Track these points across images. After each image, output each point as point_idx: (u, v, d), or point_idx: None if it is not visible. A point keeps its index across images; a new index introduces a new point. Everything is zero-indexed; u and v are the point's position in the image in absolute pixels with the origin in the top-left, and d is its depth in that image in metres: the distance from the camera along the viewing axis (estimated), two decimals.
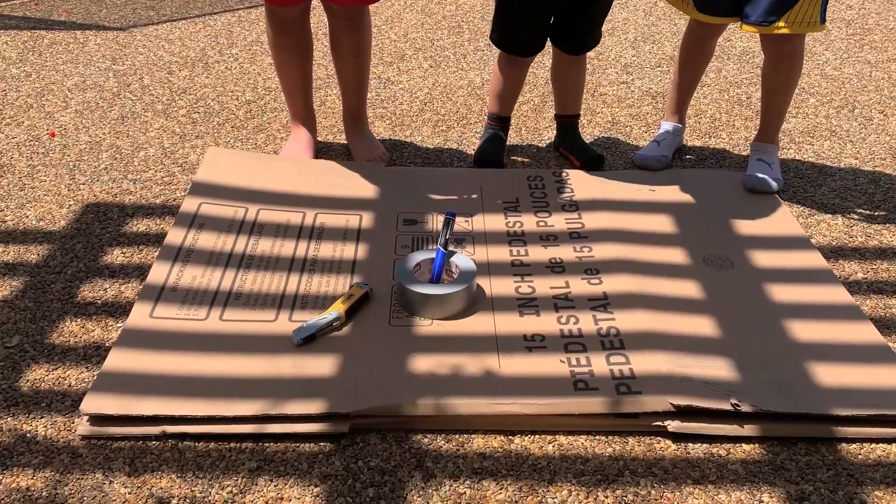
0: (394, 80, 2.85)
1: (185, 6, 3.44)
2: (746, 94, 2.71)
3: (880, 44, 3.11)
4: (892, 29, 3.25)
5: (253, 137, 2.43)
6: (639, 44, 3.13)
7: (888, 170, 2.28)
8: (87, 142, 2.38)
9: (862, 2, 3.54)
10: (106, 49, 3.01)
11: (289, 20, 2.14)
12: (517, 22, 2.14)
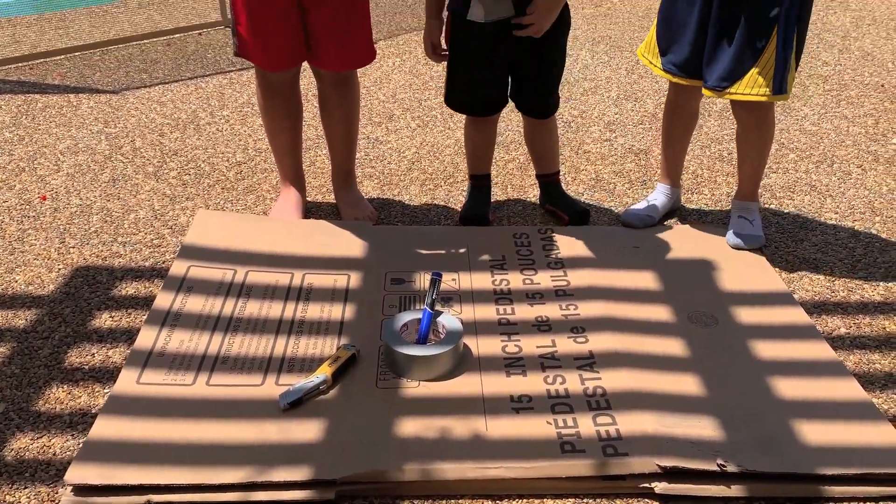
0: (382, 139, 2.90)
1: (178, 69, 3.50)
2: (728, 150, 2.77)
3: (856, 99, 3.19)
4: (867, 84, 3.33)
5: (243, 198, 2.46)
6: (621, 101, 3.20)
7: (867, 224, 2.32)
8: (78, 205, 2.40)
9: (838, 58, 3.64)
10: (98, 112, 3.06)
11: (279, 85, 2.19)
12: (475, 81, 2.18)
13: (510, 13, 2.01)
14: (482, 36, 2.07)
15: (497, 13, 2.01)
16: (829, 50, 3.74)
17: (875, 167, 2.64)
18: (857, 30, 4.01)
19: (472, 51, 2.12)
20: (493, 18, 2.02)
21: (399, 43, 3.88)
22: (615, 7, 4.47)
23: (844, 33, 3.97)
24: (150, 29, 3.96)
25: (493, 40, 2.07)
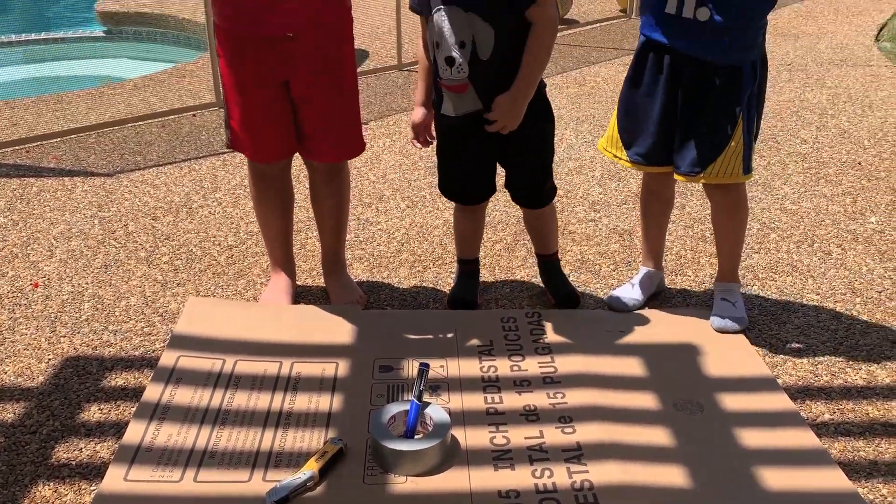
0: (372, 220, 2.95)
1: (172, 151, 3.58)
2: (710, 230, 2.82)
3: (835, 177, 3.28)
4: (844, 162, 3.42)
5: (233, 283, 2.49)
6: (605, 181, 3.27)
7: (848, 305, 2.36)
8: (70, 292, 2.43)
9: (816, 136, 3.74)
10: (93, 196, 3.11)
11: (270, 175, 2.25)
12: (458, 171, 2.23)
13: (478, 107, 2.04)
14: (455, 129, 2.13)
15: (465, 108, 2.06)
16: (807, 127, 3.86)
17: (854, 247, 2.70)
18: (833, 107, 4.14)
19: (449, 143, 2.19)
20: (462, 112, 2.07)
21: (389, 124, 3.97)
22: (598, 86, 4.60)
23: (821, 111, 4.09)
24: (145, 111, 4.05)
25: (466, 134, 2.12)
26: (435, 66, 2.05)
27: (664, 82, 2.07)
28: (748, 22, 1.98)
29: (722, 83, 2.01)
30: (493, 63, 1.97)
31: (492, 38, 1.95)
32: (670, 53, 2.04)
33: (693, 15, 1.96)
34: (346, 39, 2.11)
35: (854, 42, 5.47)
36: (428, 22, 2.02)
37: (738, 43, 1.99)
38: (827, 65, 4.93)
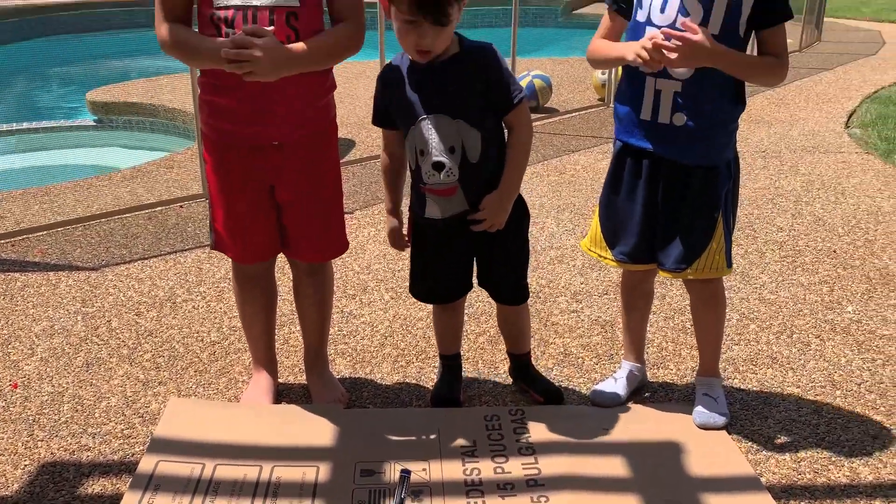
0: (356, 313, 2.96)
1: (157, 243, 3.61)
2: (690, 320, 2.85)
3: (811, 265, 3.34)
4: (820, 250, 3.50)
5: (215, 382, 2.48)
6: (586, 271, 3.32)
7: (828, 398, 2.37)
8: (50, 392, 2.41)
9: (791, 223, 3.83)
10: (77, 291, 3.12)
11: (254, 276, 2.28)
12: (438, 272, 2.25)
13: (464, 208, 2.10)
14: (440, 231, 2.16)
15: (452, 210, 2.11)
16: (782, 215, 3.95)
17: (832, 337, 2.74)
18: (807, 194, 4.25)
19: (432, 246, 2.22)
20: (449, 214, 2.12)
21: (374, 213, 4.04)
22: (577, 174, 4.71)
23: (796, 198, 4.20)
24: (132, 203, 4.10)
25: (451, 235, 2.16)
26: (416, 172, 2.10)
27: (643, 185, 2.13)
28: (722, 126, 2.07)
29: (700, 184, 2.08)
30: (481, 165, 2.05)
31: (479, 141, 2.03)
32: (648, 157, 2.11)
33: (669, 120, 2.04)
34: (331, 146, 2.17)
35: (825, 129, 5.66)
36: (406, 132, 2.08)
37: (714, 145, 2.06)
38: (800, 152, 5.08)
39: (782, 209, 4.03)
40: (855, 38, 10.35)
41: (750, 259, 3.41)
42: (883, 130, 5.49)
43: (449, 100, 2.00)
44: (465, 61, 2.01)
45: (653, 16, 1.99)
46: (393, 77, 2.06)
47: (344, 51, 2.03)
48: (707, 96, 2.00)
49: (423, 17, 1.86)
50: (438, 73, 2.00)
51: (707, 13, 1.92)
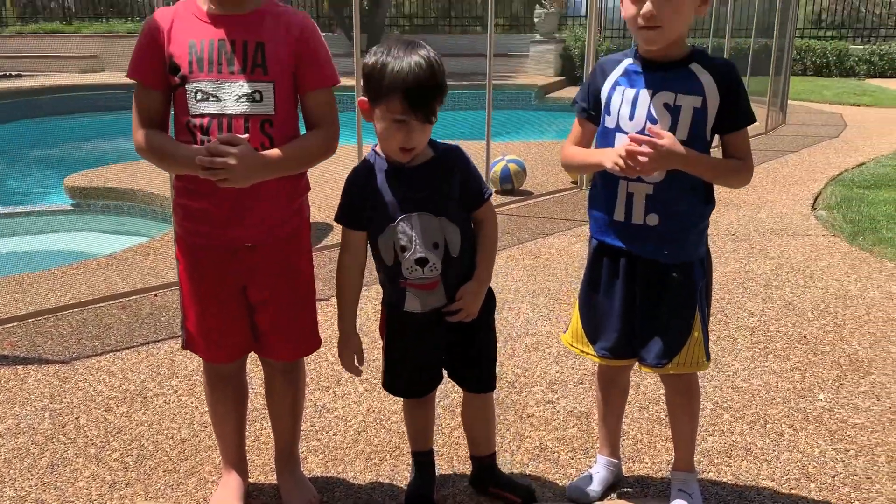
0: (329, 406, 2.94)
1: (130, 334, 3.58)
2: (665, 411, 2.86)
3: (782, 351, 3.38)
4: (791, 336, 3.54)
5: (184, 482, 2.43)
6: (562, 359, 3.33)
7: (803, 492, 2.37)
8: (12, 497, 2.34)
9: (762, 308, 3.89)
10: (45, 385, 3.07)
11: (225, 375, 2.26)
12: (407, 369, 2.25)
13: (443, 302, 2.13)
14: (418, 325, 2.18)
15: (432, 303, 2.13)
16: (753, 299, 4.01)
17: (805, 427, 2.75)
18: (777, 278, 4.33)
19: (410, 340, 2.22)
20: (429, 308, 2.14)
21: None
22: (552, 258, 4.77)
23: (766, 282, 4.27)
24: (106, 291, 4.07)
25: (427, 328, 2.18)
26: (393, 268, 2.11)
27: (621, 283, 2.17)
28: (694, 225, 2.12)
29: (677, 281, 2.12)
30: (460, 259, 2.10)
31: (458, 236, 2.09)
32: (624, 255, 2.15)
33: (643, 221, 2.09)
34: (304, 246, 2.20)
35: (792, 211, 5.80)
36: (382, 231, 2.10)
37: (687, 244, 2.12)
38: (769, 234, 5.19)
39: (753, 293, 4.09)
40: (818, 120, 10.72)
41: (722, 345, 3.44)
42: (847, 213, 5.64)
43: (430, 198, 2.06)
44: (441, 160, 2.08)
45: (622, 123, 2.07)
46: (368, 178, 2.10)
47: (318, 156, 2.08)
48: (678, 198, 2.07)
49: (413, 115, 1.93)
50: (418, 172, 2.06)
51: (675, 120, 2.01)
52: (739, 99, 2.03)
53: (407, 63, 1.91)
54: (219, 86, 1.95)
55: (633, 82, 2.07)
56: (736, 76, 2.05)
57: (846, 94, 13.48)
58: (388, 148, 2.03)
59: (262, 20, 2.01)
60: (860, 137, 9.16)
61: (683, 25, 2.00)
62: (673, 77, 2.02)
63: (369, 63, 1.96)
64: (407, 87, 1.89)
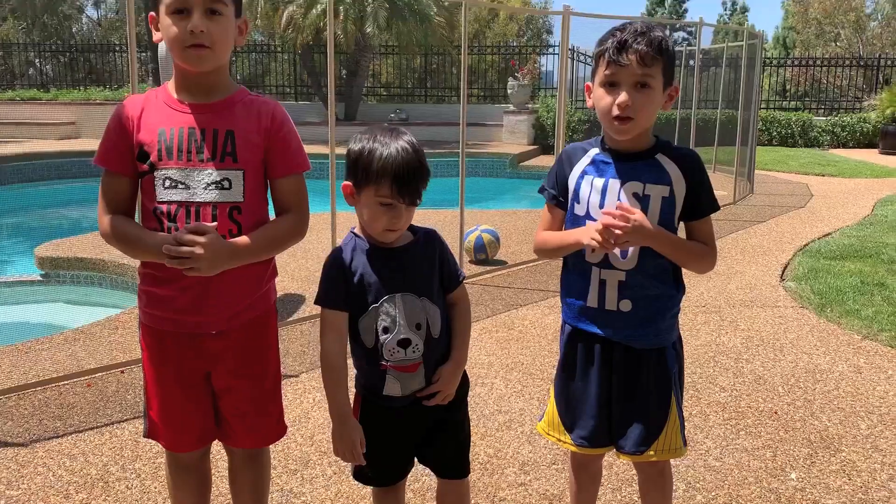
0: (296, 491, 2.87)
1: (94, 414, 3.49)
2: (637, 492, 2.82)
3: (754, 428, 3.38)
4: (762, 411, 3.55)
5: None
6: (534, 437, 3.29)
7: None
8: None
9: (733, 383, 3.90)
10: (3, 470, 2.97)
11: (188, 464, 2.21)
12: (381, 456, 2.19)
13: (423, 385, 2.11)
14: (395, 410, 2.14)
15: (412, 387, 2.11)
16: (724, 374, 4.02)
17: None
18: (747, 351, 4.36)
19: (387, 425, 2.17)
20: (409, 392, 2.11)
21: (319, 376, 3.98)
22: (526, 330, 4.77)
23: (737, 355, 4.30)
24: (72, 368, 3.99)
25: (406, 413, 2.15)
26: (373, 351, 2.08)
27: (597, 369, 2.17)
28: (667, 310, 2.15)
29: (652, 366, 2.13)
30: (440, 339, 2.11)
31: (439, 316, 2.10)
32: (599, 341, 2.16)
33: (616, 307, 2.11)
34: (271, 331, 2.18)
35: (761, 282, 5.89)
36: (363, 312, 2.07)
37: (660, 329, 2.14)
38: (738, 306, 5.25)
39: (724, 367, 4.11)
40: (785, 190, 10.98)
41: (695, 422, 3.44)
42: (815, 284, 5.73)
43: (413, 279, 2.08)
44: (421, 242, 2.12)
45: (592, 211, 2.11)
46: (351, 259, 2.08)
47: (288, 242, 2.09)
48: (650, 284, 2.09)
49: (401, 199, 1.97)
50: (401, 253, 2.08)
51: (644, 209, 2.05)
52: (704, 188, 2.09)
53: (395, 148, 1.96)
54: (187, 173, 1.97)
55: (601, 172, 2.12)
56: (700, 166, 2.11)
57: (811, 164, 13.86)
58: (374, 230, 2.05)
59: (232, 108, 2.03)
60: (825, 207, 9.39)
61: (652, 117, 2.07)
62: (641, 167, 2.08)
63: (356, 149, 2.01)
64: (395, 172, 1.95)
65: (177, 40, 1.93)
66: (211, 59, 1.96)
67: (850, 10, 24.83)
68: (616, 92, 2.01)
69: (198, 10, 1.91)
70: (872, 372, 4.06)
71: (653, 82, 2.01)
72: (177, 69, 2.02)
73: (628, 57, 1.98)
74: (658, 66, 2.01)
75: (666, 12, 42.08)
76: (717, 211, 2.13)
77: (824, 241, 7.35)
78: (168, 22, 1.93)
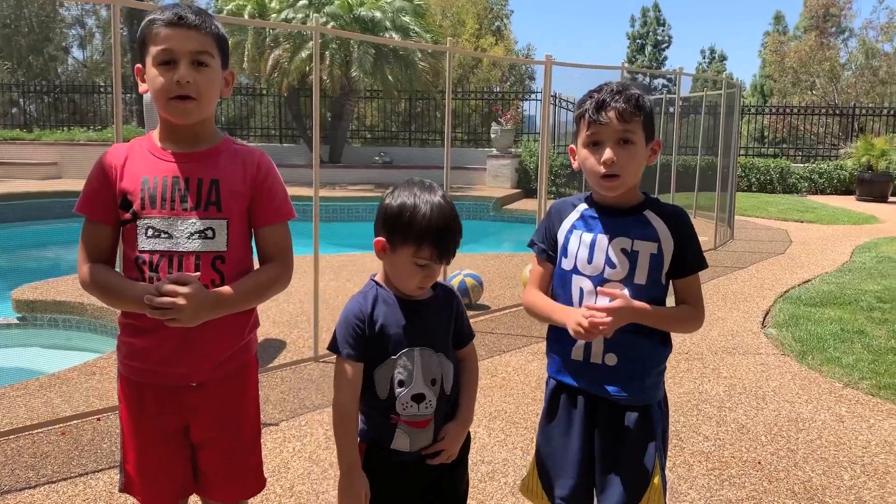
0: None
1: (68, 463, 3.41)
2: None
3: (738, 479, 3.36)
4: (745, 461, 3.53)
5: None
6: (516, 492, 3.25)
7: None
8: None
9: (716, 432, 3.89)
10: None
11: None
12: None
13: (430, 440, 2.09)
14: (402, 465, 2.09)
15: (421, 443, 2.08)
16: (707, 422, 4.01)
17: None
18: (730, 399, 4.36)
19: (391, 479, 2.11)
20: (418, 447, 2.08)
21: (301, 424, 3.94)
22: (509, 377, 4.75)
23: (720, 403, 4.29)
24: (46, 415, 3.91)
25: (411, 468, 2.11)
26: (386, 402, 2.05)
27: (579, 424, 2.15)
28: (653, 367, 2.14)
29: (637, 423, 2.11)
30: (451, 395, 2.10)
31: (452, 373, 2.09)
32: (583, 395, 2.14)
33: (602, 361, 2.10)
34: (251, 383, 2.16)
35: (743, 329, 5.91)
36: (381, 363, 2.04)
37: (646, 385, 2.12)
38: (721, 353, 5.26)
39: (707, 416, 4.10)
40: (765, 236, 11.11)
41: (678, 472, 3.41)
42: (796, 331, 5.76)
43: (433, 333, 2.07)
44: (441, 298, 2.12)
45: (580, 266, 2.11)
46: (373, 309, 2.05)
47: (271, 290, 2.08)
48: (636, 339, 2.08)
49: (440, 261, 1.99)
50: (423, 307, 2.08)
51: (633, 265, 2.06)
52: (692, 245, 2.11)
53: (437, 210, 1.96)
54: (171, 223, 1.96)
55: (589, 227, 2.13)
56: (688, 223, 2.13)
57: (790, 210, 14.06)
58: (406, 287, 2.04)
59: (217, 157, 2.04)
60: (805, 254, 9.50)
61: (638, 173, 2.09)
62: (630, 223, 2.09)
63: (395, 205, 1.99)
64: (437, 236, 1.95)
65: (162, 91, 1.93)
66: (195, 112, 1.97)
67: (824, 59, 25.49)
68: (600, 151, 2.04)
69: (184, 60, 1.93)
70: (854, 421, 4.06)
71: (634, 137, 2.04)
72: (162, 119, 2.03)
73: (608, 115, 2.01)
74: (638, 122, 2.04)
75: (646, 60, 42.95)
76: (704, 269, 2.14)
77: (804, 287, 7.42)
78: (154, 73, 1.94)
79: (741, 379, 4.71)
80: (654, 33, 44.37)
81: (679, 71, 10.09)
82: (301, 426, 3.92)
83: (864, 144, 17.37)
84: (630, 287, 2.07)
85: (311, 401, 4.29)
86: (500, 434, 3.85)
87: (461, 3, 26.51)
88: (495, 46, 26.02)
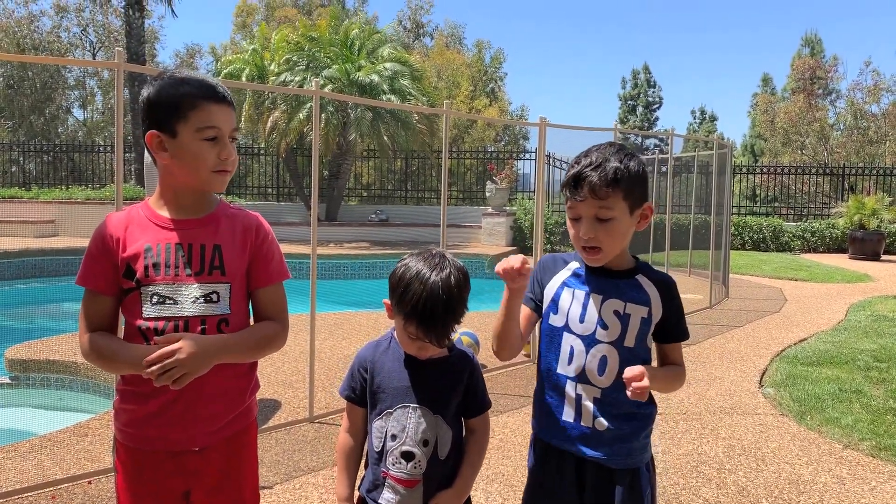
0: None
1: None
2: None
3: None
4: None
5: None
6: None
7: None
8: None
9: (716, 495, 3.83)
10: None
11: None
12: None
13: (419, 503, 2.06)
14: None
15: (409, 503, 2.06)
16: (707, 484, 3.96)
17: None
18: (730, 461, 4.31)
19: None
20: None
21: (295, 487, 3.88)
22: (506, 438, 4.70)
23: (719, 465, 4.24)
24: (36, 479, 3.85)
25: None
26: (379, 454, 2.07)
27: (567, 487, 2.13)
28: (641, 428, 2.13)
29: (626, 486, 2.09)
30: (447, 462, 2.07)
31: (450, 439, 2.07)
32: (571, 458, 2.13)
33: (592, 424, 2.09)
34: (251, 448, 2.14)
35: (740, 388, 5.88)
36: (379, 413, 2.07)
37: (635, 447, 2.11)
38: (719, 413, 5.22)
39: (707, 478, 4.05)
40: (760, 294, 11.13)
41: None
42: (794, 391, 5.74)
43: (433, 395, 2.07)
44: (452, 363, 2.12)
45: (571, 324, 2.12)
46: (383, 359, 2.12)
47: (269, 346, 2.09)
48: (625, 400, 2.07)
49: (427, 339, 1.99)
50: (428, 367, 2.09)
51: (624, 328, 2.08)
52: (680, 315, 2.15)
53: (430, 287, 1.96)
54: (175, 288, 1.97)
55: (582, 285, 2.15)
56: (676, 292, 2.16)
57: (784, 268, 14.14)
58: (406, 349, 2.08)
59: (217, 223, 2.06)
60: (800, 312, 9.51)
61: (621, 244, 2.11)
62: (623, 285, 2.12)
63: (397, 274, 2.04)
64: (422, 315, 1.96)
65: (208, 165, 2.00)
66: (227, 183, 2.08)
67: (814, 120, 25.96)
68: (578, 226, 2.07)
69: (226, 138, 2.02)
70: (856, 483, 4.02)
71: (612, 213, 2.04)
72: (168, 187, 2.05)
73: (583, 192, 2.03)
74: (617, 195, 2.02)
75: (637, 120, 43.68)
76: (685, 340, 2.18)
77: (800, 346, 7.41)
78: (200, 146, 1.97)
79: (740, 440, 4.67)
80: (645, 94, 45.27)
81: (671, 132, 10.28)
82: (295, 489, 3.86)
83: (856, 203, 17.59)
84: (621, 350, 2.08)
85: (306, 463, 4.23)
86: (498, 498, 3.80)
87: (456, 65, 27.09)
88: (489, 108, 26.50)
